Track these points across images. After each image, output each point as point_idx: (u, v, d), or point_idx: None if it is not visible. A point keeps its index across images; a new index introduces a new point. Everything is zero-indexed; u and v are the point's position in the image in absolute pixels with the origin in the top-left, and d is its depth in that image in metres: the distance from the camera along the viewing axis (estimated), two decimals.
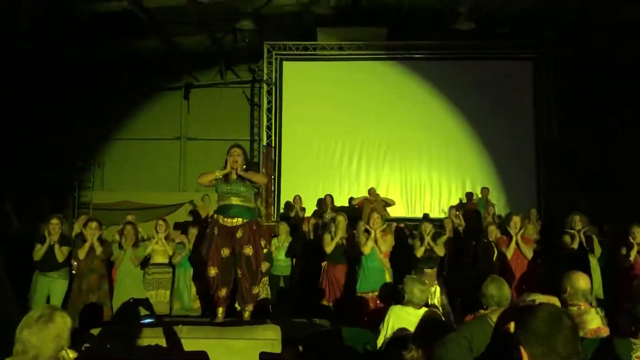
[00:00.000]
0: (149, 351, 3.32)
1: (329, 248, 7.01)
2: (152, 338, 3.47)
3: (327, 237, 7.16)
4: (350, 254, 7.01)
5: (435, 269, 6.46)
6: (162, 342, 3.37)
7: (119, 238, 7.01)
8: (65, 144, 11.98)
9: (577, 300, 3.46)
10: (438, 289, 6.27)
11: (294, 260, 8.22)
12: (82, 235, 6.61)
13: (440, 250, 6.81)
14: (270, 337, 3.79)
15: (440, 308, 5.69)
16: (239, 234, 4.97)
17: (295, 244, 8.27)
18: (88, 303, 5.99)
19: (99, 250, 6.38)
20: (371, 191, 10.81)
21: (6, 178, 9.45)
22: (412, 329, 3.62)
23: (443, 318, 3.76)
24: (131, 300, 3.62)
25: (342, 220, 7.22)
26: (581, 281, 3.51)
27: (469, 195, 11.35)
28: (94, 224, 6.55)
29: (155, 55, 12.36)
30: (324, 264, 7.24)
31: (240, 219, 4.97)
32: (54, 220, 6.58)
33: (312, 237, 8.63)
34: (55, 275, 6.42)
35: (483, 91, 12.10)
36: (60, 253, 6.39)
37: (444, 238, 7.13)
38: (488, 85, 12.13)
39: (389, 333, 3.82)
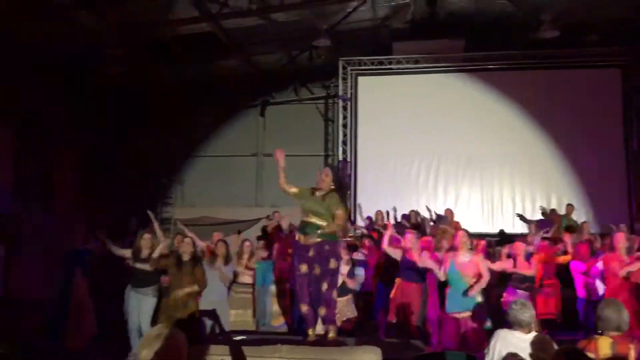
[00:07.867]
0: None
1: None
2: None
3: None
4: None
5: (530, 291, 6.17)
6: None
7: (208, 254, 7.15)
8: (151, 161, 12.44)
9: None
10: None
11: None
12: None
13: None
14: (371, 359, 3.70)
15: None
16: (311, 254, 5.03)
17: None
18: (174, 320, 6.06)
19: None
20: (447, 212, 10.42)
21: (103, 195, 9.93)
22: (521, 353, 3.45)
23: (554, 343, 3.54)
24: (197, 314, 3.54)
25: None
26: None
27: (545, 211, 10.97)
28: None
29: (234, 75, 12.65)
30: (397, 280, 7.08)
31: (313, 239, 5.02)
32: (146, 236, 6.83)
33: None
34: (148, 292, 6.59)
35: (567, 102, 11.58)
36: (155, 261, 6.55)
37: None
38: (572, 96, 11.61)
39: (497, 358, 3.63)
